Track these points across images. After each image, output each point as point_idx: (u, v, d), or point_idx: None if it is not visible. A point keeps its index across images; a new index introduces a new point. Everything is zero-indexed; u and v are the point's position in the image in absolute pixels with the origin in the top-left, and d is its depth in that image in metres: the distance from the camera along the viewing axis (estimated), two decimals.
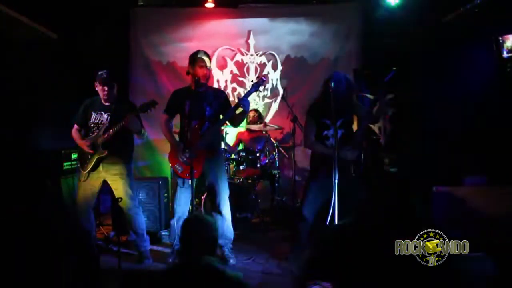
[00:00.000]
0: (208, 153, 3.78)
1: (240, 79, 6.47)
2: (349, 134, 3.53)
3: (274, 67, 6.46)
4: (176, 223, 3.88)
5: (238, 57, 6.46)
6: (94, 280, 3.13)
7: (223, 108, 3.89)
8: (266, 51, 6.43)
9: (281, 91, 6.35)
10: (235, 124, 4.05)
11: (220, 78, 6.43)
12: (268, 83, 6.28)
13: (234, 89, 6.44)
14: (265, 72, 6.41)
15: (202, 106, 3.78)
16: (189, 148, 3.68)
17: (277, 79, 6.46)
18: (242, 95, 6.30)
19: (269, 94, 6.45)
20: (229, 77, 6.46)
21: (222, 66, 6.42)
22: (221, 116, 3.87)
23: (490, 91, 4.56)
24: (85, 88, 4.20)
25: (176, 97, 3.92)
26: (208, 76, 3.84)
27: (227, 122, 4.06)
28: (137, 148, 4.35)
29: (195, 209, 3.72)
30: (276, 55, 6.42)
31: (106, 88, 3.82)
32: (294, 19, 6.38)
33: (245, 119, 5.78)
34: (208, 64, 3.79)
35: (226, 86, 6.39)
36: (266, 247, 4.34)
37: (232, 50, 6.44)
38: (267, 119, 6.27)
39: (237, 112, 3.83)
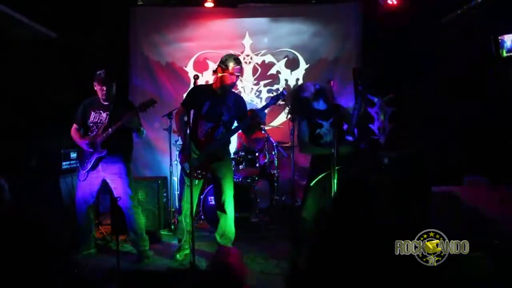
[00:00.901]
0: (217, 156, 3.79)
1: None
2: (340, 132, 3.54)
3: (292, 65, 6.40)
4: (184, 219, 3.93)
5: None
6: None
7: (240, 115, 3.89)
8: (272, 51, 6.40)
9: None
10: (249, 133, 4.10)
11: (199, 81, 6.41)
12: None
13: None
14: (272, 71, 6.40)
15: (220, 110, 3.78)
16: (199, 150, 3.69)
17: (297, 79, 6.40)
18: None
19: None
20: (211, 78, 6.41)
21: (202, 68, 6.32)
22: (235, 123, 3.90)
23: (490, 90, 4.56)
24: (85, 88, 4.20)
25: (196, 93, 3.88)
26: (235, 84, 3.84)
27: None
28: (136, 147, 4.34)
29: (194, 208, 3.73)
30: (296, 52, 6.37)
31: (104, 88, 3.82)
32: (293, 19, 6.37)
33: None
34: (240, 74, 3.79)
35: None
36: (265, 247, 4.34)
37: (219, 53, 6.42)
38: (275, 123, 6.29)
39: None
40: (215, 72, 3.79)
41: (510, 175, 3.87)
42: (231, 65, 3.70)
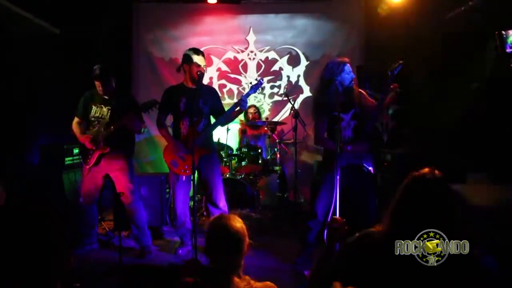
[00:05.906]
0: (203, 150, 3.79)
1: (232, 76, 6.45)
2: (362, 125, 3.44)
3: (294, 62, 6.41)
4: (179, 218, 3.92)
5: (230, 55, 6.45)
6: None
7: (216, 104, 3.93)
8: (276, 47, 6.40)
9: (304, 88, 6.35)
10: (227, 122, 4.13)
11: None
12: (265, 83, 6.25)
13: (223, 86, 6.42)
14: (275, 68, 6.40)
15: (198, 104, 3.79)
16: (185, 145, 3.71)
17: (298, 76, 6.42)
18: (235, 92, 6.32)
19: (281, 92, 6.39)
20: (215, 74, 6.44)
21: (206, 64, 6.37)
22: (212, 118, 3.93)
23: (493, 87, 4.53)
24: (87, 83, 4.20)
25: (169, 95, 3.91)
26: (204, 74, 3.83)
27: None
28: (139, 144, 4.36)
29: (196, 205, 3.72)
30: (298, 50, 6.38)
31: (99, 83, 3.83)
32: (296, 15, 6.36)
33: (245, 117, 5.80)
34: (203, 63, 3.79)
35: (211, 83, 6.33)
36: (267, 243, 4.34)
37: (223, 49, 6.43)
38: (278, 118, 6.31)
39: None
40: (181, 69, 3.83)
41: (511, 172, 3.85)
42: (194, 57, 3.74)
